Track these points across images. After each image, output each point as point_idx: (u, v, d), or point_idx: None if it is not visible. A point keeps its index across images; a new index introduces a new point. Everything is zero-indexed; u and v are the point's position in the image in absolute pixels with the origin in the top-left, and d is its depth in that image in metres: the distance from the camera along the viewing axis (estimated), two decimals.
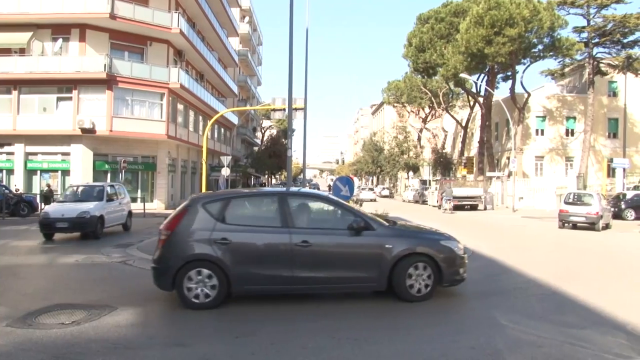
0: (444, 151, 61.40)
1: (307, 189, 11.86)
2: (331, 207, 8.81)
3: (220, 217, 7.90)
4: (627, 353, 5.61)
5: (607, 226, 22.95)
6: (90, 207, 16.48)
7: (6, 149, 31.09)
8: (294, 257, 7.76)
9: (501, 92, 56.07)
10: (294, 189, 11.10)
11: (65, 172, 31.34)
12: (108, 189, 18.55)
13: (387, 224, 8.61)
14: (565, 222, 22.66)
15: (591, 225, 21.78)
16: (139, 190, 33.20)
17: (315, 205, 8.98)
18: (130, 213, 20.17)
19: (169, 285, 7.61)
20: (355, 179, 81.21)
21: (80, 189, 19.21)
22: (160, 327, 6.29)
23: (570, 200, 23.01)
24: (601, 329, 6.49)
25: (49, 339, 5.73)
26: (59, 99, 30.94)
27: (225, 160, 33.02)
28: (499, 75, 47.12)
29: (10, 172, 31.00)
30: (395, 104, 70.89)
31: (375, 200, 18.12)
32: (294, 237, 7.80)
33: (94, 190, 18.45)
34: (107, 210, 17.48)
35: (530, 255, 13.69)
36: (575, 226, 22.51)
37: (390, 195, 68.67)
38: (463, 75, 40.65)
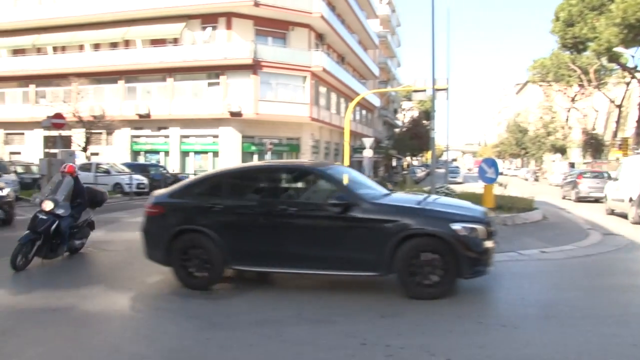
0: (594, 132, 56.88)
1: None
2: None
3: None
4: None
5: None
6: None
7: (163, 132, 33.68)
8: None
9: None
10: None
11: (215, 154, 33.16)
12: None
13: None
14: None
15: None
16: None
17: None
18: None
19: None
20: (498, 160, 77.79)
21: None
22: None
23: None
24: None
25: None
26: (208, 85, 32.79)
27: (367, 142, 32.81)
28: None
29: (166, 153, 33.52)
30: (541, 83, 66.66)
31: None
32: None
33: None
34: None
35: None
36: None
37: (536, 179, 64.89)
38: (618, 49, 36.71)
